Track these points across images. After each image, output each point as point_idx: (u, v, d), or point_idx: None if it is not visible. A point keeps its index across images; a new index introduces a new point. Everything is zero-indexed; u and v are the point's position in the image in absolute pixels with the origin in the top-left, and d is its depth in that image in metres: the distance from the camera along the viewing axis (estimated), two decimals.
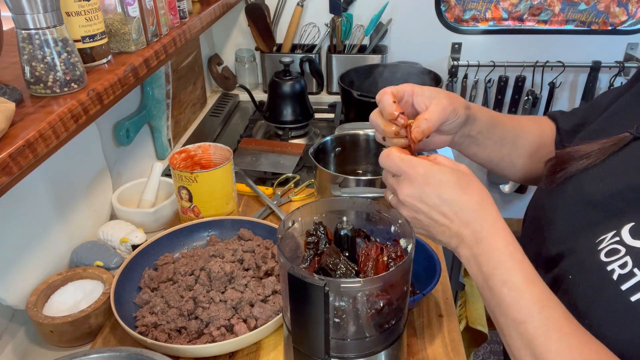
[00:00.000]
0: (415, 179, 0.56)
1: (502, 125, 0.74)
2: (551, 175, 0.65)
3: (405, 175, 0.57)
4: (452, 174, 0.56)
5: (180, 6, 1.03)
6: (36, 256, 0.83)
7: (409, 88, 0.64)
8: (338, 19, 1.63)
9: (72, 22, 0.72)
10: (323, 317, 0.53)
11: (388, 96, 0.61)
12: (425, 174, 0.56)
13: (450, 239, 0.56)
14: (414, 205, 0.57)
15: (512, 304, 0.50)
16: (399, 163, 0.57)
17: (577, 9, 1.70)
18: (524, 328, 0.49)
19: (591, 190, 0.59)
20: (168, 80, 1.26)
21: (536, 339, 0.49)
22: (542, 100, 1.74)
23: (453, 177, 0.56)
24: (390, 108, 0.60)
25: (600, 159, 0.61)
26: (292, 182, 1.16)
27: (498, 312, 0.52)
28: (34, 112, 0.63)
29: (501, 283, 0.51)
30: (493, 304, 0.52)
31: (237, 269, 0.82)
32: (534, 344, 0.49)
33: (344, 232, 0.60)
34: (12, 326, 0.81)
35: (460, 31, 1.72)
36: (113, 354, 0.64)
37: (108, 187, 1.05)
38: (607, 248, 0.52)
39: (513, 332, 0.50)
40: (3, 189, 0.56)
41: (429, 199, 0.56)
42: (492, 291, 0.52)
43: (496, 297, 0.52)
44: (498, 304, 0.52)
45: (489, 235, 0.54)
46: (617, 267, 0.51)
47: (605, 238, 0.54)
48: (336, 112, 1.55)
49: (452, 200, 0.55)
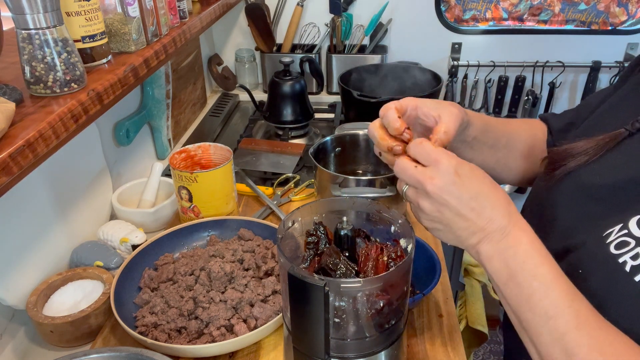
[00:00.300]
0: (447, 169, 0.54)
1: (494, 129, 0.75)
2: (550, 172, 0.65)
3: (436, 163, 0.54)
4: (480, 169, 0.55)
5: (180, 6, 1.03)
6: (36, 256, 0.83)
7: (412, 102, 0.63)
8: (338, 19, 1.63)
9: (72, 22, 0.72)
10: (323, 317, 0.53)
11: (392, 111, 0.60)
12: (457, 166, 0.54)
13: (472, 234, 0.55)
14: (442, 198, 0.54)
15: (543, 298, 0.50)
16: (430, 151, 0.55)
17: (577, 9, 1.70)
18: (554, 323, 0.49)
19: (592, 185, 0.60)
20: (168, 80, 1.26)
21: (567, 334, 0.48)
22: (542, 100, 1.74)
23: (481, 172, 0.55)
24: (395, 124, 0.58)
25: (597, 155, 0.61)
26: (292, 182, 1.16)
27: (526, 308, 0.51)
28: (34, 112, 0.63)
29: (531, 277, 0.51)
30: (520, 300, 0.52)
31: (237, 269, 0.82)
32: (565, 340, 0.48)
33: (344, 232, 0.60)
34: (12, 326, 0.81)
35: (460, 31, 1.72)
36: (113, 354, 0.64)
37: (108, 187, 1.05)
38: (616, 241, 0.53)
39: (542, 328, 0.50)
40: (3, 189, 0.56)
41: (460, 192, 0.53)
42: (521, 286, 0.51)
43: (525, 291, 0.51)
44: (527, 299, 0.51)
45: (515, 230, 0.53)
46: (629, 259, 0.51)
47: (612, 231, 0.54)
48: (336, 112, 1.55)
49: (482, 194, 0.54)
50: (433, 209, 0.55)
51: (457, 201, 0.54)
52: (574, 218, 0.60)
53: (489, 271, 0.55)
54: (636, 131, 0.59)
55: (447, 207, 0.54)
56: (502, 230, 0.53)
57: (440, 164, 0.54)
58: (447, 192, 0.54)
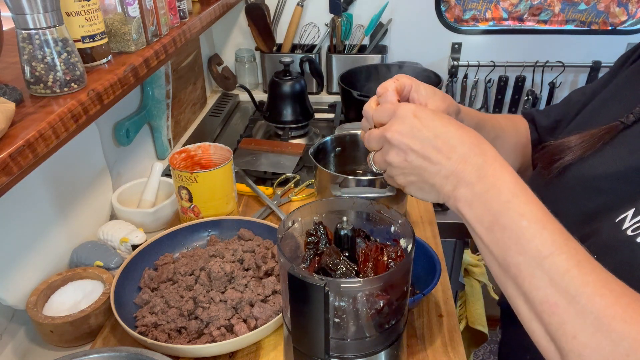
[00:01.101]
0: (405, 115, 0.52)
1: (485, 125, 0.75)
2: (547, 167, 0.65)
3: (394, 114, 0.53)
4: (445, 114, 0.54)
5: (180, 6, 1.03)
6: (36, 256, 0.83)
7: (408, 81, 0.63)
8: (338, 19, 1.63)
9: (72, 22, 0.72)
10: (323, 317, 0.53)
11: (392, 93, 0.59)
12: (416, 110, 0.53)
13: (446, 179, 0.51)
14: (403, 143, 0.52)
15: (535, 236, 0.45)
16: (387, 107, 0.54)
17: (577, 9, 1.70)
18: (552, 262, 0.44)
19: (594, 177, 0.59)
20: (168, 80, 1.26)
21: (569, 271, 0.43)
22: (542, 100, 1.74)
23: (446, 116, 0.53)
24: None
25: (594, 147, 0.61)
26: (292, 182, 1.16)
27: (515, 252, 0.46)
28: (34, 112, 0.63)
29: (519, 216, 0.46)
30: (508, 244, 0.46)
31: (237, 269, 0.82)
32: (566, 278, 0.43)
33: (344, 232, 0.60)
34: (12, 326, 0.81)
35: (460, 31, 1.72)
36: (113, 354, 0.64)
37: (108, 187, 1.05)
38: (633, 226, 0.51)
39: (536, 270, 0.44)
40: (3, 189, 0.56)
41: (421, 133, 0.51)
42: (507, 228, 0.46)
43: (513, 233, 0.46)
44: (516, 241, 0.46)
45: (494, 168, 0.49)
46: None
47: (625, 217, 0.52)
48: (336, 112, 1.55)
49: (447, 133, 0.51)
50: (400, 159, 0.53)
51: (420, 143, 0.51)
52: (579, 211, 0.60)
53: (469, 220, 0.50)
54: (632, 123, 0.60)
55: (411, 152, 0.52)
56: (478, 170, 0.49)
57: (397, 112, 0.53)
58: (407, 135, 0.52)
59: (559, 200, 0.63)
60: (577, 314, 0.42)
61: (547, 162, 0.65)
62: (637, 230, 0.51)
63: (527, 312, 0.46)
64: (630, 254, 0.50)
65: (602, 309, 0.41)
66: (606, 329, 0.41)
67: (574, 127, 0.69)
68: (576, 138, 0.63)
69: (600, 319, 0.41)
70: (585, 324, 0.41)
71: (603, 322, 0.41)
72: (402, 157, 0.53)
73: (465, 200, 0.50)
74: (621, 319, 0.41)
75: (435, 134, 0.51)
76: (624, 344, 0.40)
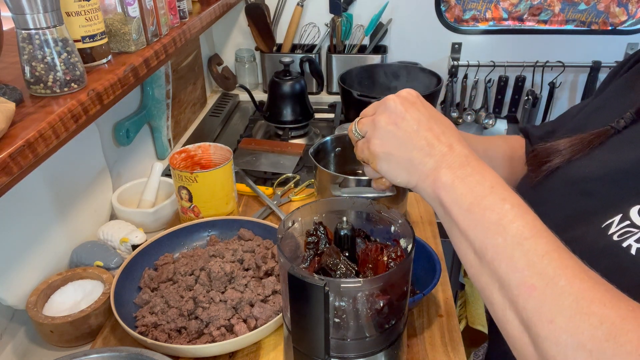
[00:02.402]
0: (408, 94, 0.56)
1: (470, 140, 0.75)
2: (535, 169, 0.65)
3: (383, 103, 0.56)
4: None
5: (180, 6, 1.03)
6: (36, 256, 0.83)
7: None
8: (338, 19, 1.63)
9: (72, 22, 0.72)
10: (323, 317, 0.53)
11: None
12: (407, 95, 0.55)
13: (429, 157, 0.52)
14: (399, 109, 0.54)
15: (518, 218, 0.45)
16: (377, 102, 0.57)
17: (577, 9, 1.70)
18: (533, 243, 0.43)
19: (581, 180, 0.59)
20: (168, 80, 1.26)
21: (549, 253, 0.43)
22: (542, 100, 1.74)
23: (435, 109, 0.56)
24: None
25: (583, 151, 0.61)
26: (292, 182, 1.16)
27: (494, 232, 0.46)
28: (34, 112, 0.63)
29: (502, 200, 0.47)
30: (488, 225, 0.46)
31: (237, 269, 0.82)
32: (546, 260, 0.42)
33: (344, 232, 0.60)
34: (12, 326, 0.81)
35: (460, 31, 1.72)
36: (113, 354, 0.64)
37: (108, 187, 1.05)
38: (619, 232, 0.51)
39: (515, 251, 0.44)
40: (3, 189, 0.56)
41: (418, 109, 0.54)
42: (489, 209, 0.47)
43: (495, 215, 0.46)
44: (497, 222, 0.46)
45: (478, 162, 0.51)
46: (633, 242, 0.48)
47: (612, 222, 0.52)
48: (336, 112, 1.55)
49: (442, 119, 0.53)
50: (389, 121, 0.54)
51: (417, 114, 0.53)
52: (566, 214, 0.59)
53: (446, 202, 0.50)
54: (622, 129, 0.60)
55: (405, 119, 0.54)
56: (463, 158, 0.51)
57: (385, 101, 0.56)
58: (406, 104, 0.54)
59: (545, 202, 0.62)
60: (555, 296, 0.41)
61: (535, 165, 0.65)
62: (624, 236, 0.51)
63: (502, 300, 0.45)
64: (616, 259, 0.50)
65: (581, 291, 0.40)
66: (585, 311, 0.39)
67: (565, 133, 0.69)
68: (565, 142, 0.63)
69: (579, 301, 0.40)
70: (563, 306, 0.40)
71: (582, 304, 0.40)
72: (393, 119, 0.54)
73: (445, 180, 0.50)
74: (600, 302, 0.39)
75: (431, 114, 0.54)
76: (602, 327, 0.38)
